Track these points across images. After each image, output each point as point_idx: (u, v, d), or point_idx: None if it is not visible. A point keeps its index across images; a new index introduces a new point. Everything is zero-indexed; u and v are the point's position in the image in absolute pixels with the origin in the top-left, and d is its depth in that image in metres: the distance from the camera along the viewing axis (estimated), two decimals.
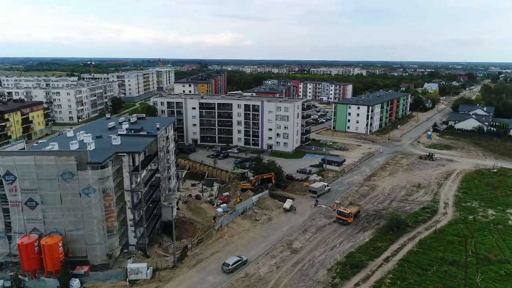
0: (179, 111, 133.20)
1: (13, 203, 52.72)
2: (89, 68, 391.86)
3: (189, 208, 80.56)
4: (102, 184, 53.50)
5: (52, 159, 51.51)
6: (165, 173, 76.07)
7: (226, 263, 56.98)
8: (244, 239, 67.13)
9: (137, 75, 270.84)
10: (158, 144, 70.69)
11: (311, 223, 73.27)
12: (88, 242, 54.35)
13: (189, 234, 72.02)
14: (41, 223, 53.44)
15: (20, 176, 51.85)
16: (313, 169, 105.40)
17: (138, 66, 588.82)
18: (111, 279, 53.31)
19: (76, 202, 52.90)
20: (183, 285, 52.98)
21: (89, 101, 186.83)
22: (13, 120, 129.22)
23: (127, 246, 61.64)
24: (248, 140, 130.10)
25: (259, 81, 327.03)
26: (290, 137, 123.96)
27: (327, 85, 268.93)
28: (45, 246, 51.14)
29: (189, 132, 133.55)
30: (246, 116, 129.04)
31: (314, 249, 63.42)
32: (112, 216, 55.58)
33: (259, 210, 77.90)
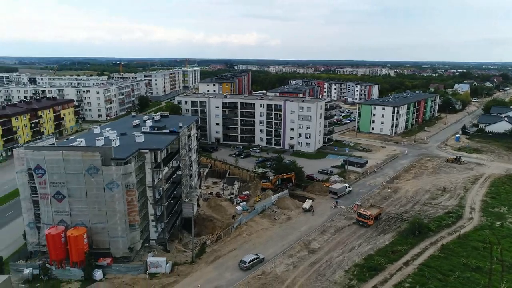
0: (202, 110, 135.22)
1: (42, 196, 55.45)
2: (118, 68, 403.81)
3: (209, 206, 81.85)
4: (125, 179, 55.36)
5: (79, 154, 53.83)
6: (187, 170, 77.63)
7: (243, 260, 57.67)
8: (262, 237, 67.59)
9: (164, 74, 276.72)
10: (180, 142, 72.30)
11: (330, 224, 72.82)
12: (111, 235, 56.40)
13: (208, 231, 73.21)
14: (68, 215, 55.92)
15: (49, 170, 54.44)
16: (335, 170, 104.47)
17: (166, 66, 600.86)
18: (132, 272, 55.09)
19: (100, 196, 55.00)
20: (201, 280, 54.02)
21: (117, 100, 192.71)
22: (46, 117, 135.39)
23: (148, 241, 63.44)
24: (270, 139, 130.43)
25: (284, 81, 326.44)
26: (312, 138, 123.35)
27: (352, 86, 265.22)
28: (70, 238, 53.53)
29: (212, 131, 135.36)
30: (269, 115, 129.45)
31: (332, 250, 63.06)
32: (134, 210, 57.40)
33: (278, 210, 78.17)
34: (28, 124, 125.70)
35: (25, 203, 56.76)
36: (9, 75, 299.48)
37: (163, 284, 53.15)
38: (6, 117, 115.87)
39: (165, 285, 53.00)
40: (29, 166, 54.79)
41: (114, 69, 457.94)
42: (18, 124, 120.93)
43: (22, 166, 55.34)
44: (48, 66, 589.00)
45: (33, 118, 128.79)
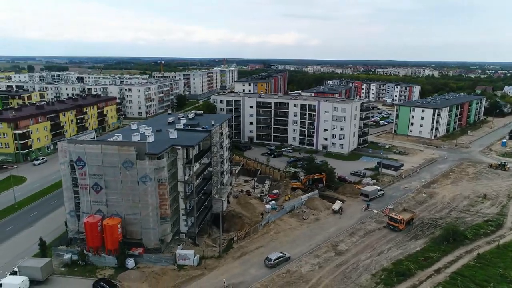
0: (237, 109, 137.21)
1: (82, 186, 59.20)
2: (159, 67, 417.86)
3: (239, 203, 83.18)
4: (157, 173, 57.79)
5: (116, 148, 56.90)
6: (218, 167, 79.40)
7: (268, 257, 58.30)
8: (289, 236, 67.85)
9: (202, 74, 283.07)
10: (212, 140, 74.11)
11: (360, 227, 71.67)
12: (143, 226, 59.09)
13: (237, 228, 74.46)
14: (104, 206, 59.29)
15: (89, 162, 57.98)
16: (368, 172, 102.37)
17: (205, 66, 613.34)
18: (162, 262, 57.41)
19: (134, 189, 57.80)
20: (227, 275, 55.27)
21: (156, 98, 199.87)
22: (90, 113, 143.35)
23: (178, 234, 65.74)
24: (303, 140, 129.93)
25: (321, 81, 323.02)
26: (346, 139, 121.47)
27: (391, 86, 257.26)
28: (106, 227, 56.75)
29: (245, 130, 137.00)
30: (302, 115, 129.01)
31: (359, 253, 62.15)
32: (165, 204, 59.75)
33: (307, 210, 78.01)
34: (74, 119, 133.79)
35: (67, 192, 60.89)
36: (59, 74, 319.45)
37: (190, 276, 54.97)
38: (54, 113, 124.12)
39: (192, 277, 54.78)
40: (71, 158, 58.69)
41: (155, 68, 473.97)
42: (65, 120, 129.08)
43: (65, 158, 59.41)
44: (95, 65, 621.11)
45: (79, 114, 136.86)
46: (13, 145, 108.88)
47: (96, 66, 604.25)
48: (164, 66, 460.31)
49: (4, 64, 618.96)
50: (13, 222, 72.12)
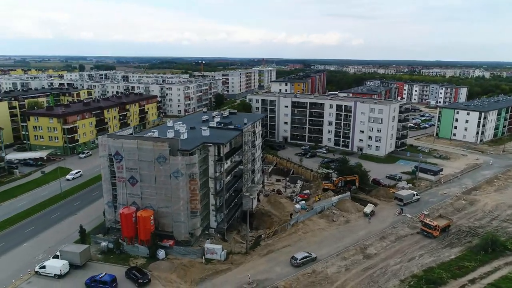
0: (272, 108, 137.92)
1: (119, 179, 62.65)
2: (200, 67, 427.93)
3: (269, 202, 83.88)
4: (189, 169, 59.89)
5: (150, 144, 59.68)
6: (249, 165, 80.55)
7: (294, 257, 58.51)
8: (317, 237, 67.55)
9: (240, 73, 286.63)
10: (244, 138, 75.38)
11: (391, 231, 69.81)
12: (174, 219, 61.46)
13: (266, 226, 75.30)
14: (139, 198, 62.35)
15: (126, 156, 61.25)
16: (404, 176, 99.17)
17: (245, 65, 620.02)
18: (190, 255, 59.43)
19: (166, 183, 60.29)
20: (252, 271, 56.16)
21: (195, 97, 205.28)
22: (132, 111, 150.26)
23: (208, 228, 67.64)
24: (338, 141, 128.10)
25: (361, 82, 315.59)
26: (383, 141, 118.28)
27: (436, 88, 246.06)
28: (140, 218, 59.68)
29: (280, 130, 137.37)
30: (338, 116, 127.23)
31: (389, 258, 60.66)
32: (196, 199, 61.78)
33: (337, 211, 77.11)
34: (117, 116, 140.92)
35: (105, 184, 64.71)
36: (107, 73, 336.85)
37: (217, 269, 56.48)
38: (99, 109, 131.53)
39: (218, 271, 56.27)
40: (110, 152, 62.31)
41: (196, 68, 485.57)
42: (109, 116, 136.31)
43: (104, 152, 63.18)
44: (140, 65, 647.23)
45: (122, 111, 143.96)
46: (61, 139, 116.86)
47: (141, 65, 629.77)
48: (204, 66, 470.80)
49: (58, 64, 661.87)
50: (59, 210, 77.65)
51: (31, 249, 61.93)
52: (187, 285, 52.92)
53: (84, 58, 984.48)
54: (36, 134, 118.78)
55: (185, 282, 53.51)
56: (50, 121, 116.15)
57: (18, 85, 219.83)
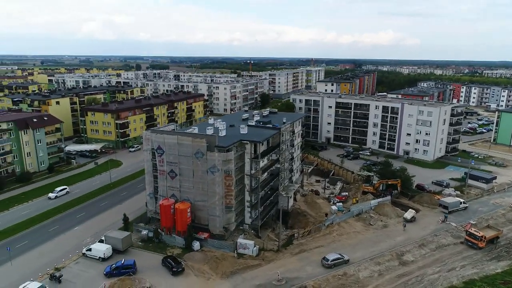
0: (315, 109, 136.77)
1: (160, 172, 66.08)
2: (248, 67, 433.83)
3: (306, 201, 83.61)
4: (225, 165, 61.67)
5: (190, 139, 62.28)
6: (286, 164, 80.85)
7: (326, 258, 58.10)
8: (352, 240, 66.37)
9: (287, 73, 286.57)
10: (281, 137, 75.88)
11: (432, 239, 66.65)
12: (210, 213, 63.61)
13: (301, 225, 75.14)
14: (178, 191, 65.32)
15: (167, 150, 64.48)
16: (453, 183, 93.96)
17: (294, 65, 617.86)
18: (224, 249, 61.20)
19: (203, 178, 62.56)
20: (282, 268, 56.66)
21: (241, 96, 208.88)
22: (180, 108, 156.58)
23: (242, 224, 69.07)
24: (383, 143, 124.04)
25: (414, 83, 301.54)
26: (431, 145, 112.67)
27: (497, 90, 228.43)
28: (177, 210, 62.56)
29: (323, 130, 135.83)
30: (384, 118, 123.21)
31: (427, 266, 58.13)
32: (231, 194, 63.43)
33: (375, 215, 75.09)
34: (165, 113, 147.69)
35: (148, 176, 68.56)
36: (160, 72, 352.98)
37: (248, 264, 57.69)
38: (149, 106, 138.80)
39: (249, 265, 57.44)
40: (153, 146, 65.91)
41: (245, 67, 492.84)
42: (158, 113, 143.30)
43: (148, 146, 66.95)
44: (192, 64, 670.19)
45: (170, 108, 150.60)
46: (114, 133, 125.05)
47: (192, 65, 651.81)
48: (253, 66, 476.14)
49: (118, 63, 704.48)
50: (107, 199, 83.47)
51: (80, 233, 67.41)
52: (218, 277, 54.68)
53: (141, 58, 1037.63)
54: (92, 128, 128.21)
55: (216, 274, 55.31)
56: (105, 116, 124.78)
57: (80, 83, 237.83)
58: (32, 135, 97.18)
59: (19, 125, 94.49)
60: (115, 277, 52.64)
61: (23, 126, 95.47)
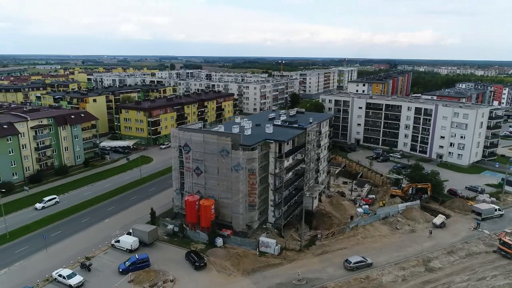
0: (345, 109, 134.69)
1: (186, 168, 67.79)
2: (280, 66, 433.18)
3: (331, 203, 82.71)
4: (249, 164, 62.32)
5: (215, 138, 63.48)
6: (312, 165, 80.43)
7: (348, 260, 57.35)
8: (377, 243, 65.02)
9: (318, 73, 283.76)
10: (307, 137, 75.57)
11: (462, 246, 64.01)
12: (233, 211, 64.53)
13: (325, 227, 74.58)
14: (203, 188, 66.73)
15: (193, 148, 66.02)
16: (488, 188, 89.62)
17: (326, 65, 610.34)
18: (246, 246, 61.83)
19: (228, 175, 63.55)
20: (304, 268, 56.50)
21: (271, 96, 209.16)
22: (210, 107, 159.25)
23: (266, 223, 69.49)
24: (415, 146, 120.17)
25: (452, 84, 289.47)
26: (466, 149, 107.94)
27: None
28: (202, 206, 63.93)
29: (352, 131, 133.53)
30: (416, 120, 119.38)
31: (454, 274, 55.98)
32: (254, 192, 64.01)
33: (403, 219, 73.07)
34: (196, 111, 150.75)
35: (175, 173, 70.49)
36: (193, 71, 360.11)
37: (269, 263, 57.99)
38: (180, 105, 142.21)
39: (270, 264, 57.73)
40: (180, 143, 67.72)
41: (277, 67, 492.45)
42: (189, 111, 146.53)
43: (175, 143, 68.86)
44: (225, 64, 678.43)
45: (200, 107, 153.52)
46: (146, 130, 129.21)
47: (225, 65, 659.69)
48: (285, 66, 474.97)
49: (153, 63, 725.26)
50: (137, 193, 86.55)
51: (110, 225, 70.43)
52: (239, 274, 55.38)
53: (176, 57, 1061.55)
54: (126, 125, 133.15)
55: (237, 270, 56.03)
56: (138, 114, 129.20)
57: (117, 82, 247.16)
58: (70, 131, 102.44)
59: (58, 121, 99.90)
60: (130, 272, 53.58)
61: (62, 122, 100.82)
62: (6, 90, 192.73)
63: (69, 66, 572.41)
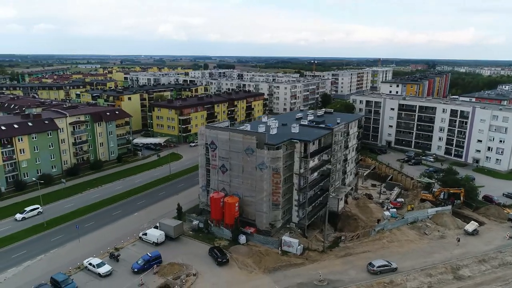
0: (376, 110, 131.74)
1: (212, 166, 69.08)
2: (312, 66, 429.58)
3: (357, 205, 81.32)
4: (273, 163, 62.63)
5: (240, 136, 64.27)
6: (338, 166, 79.43)
7: (372, 263, 56.31)
8: (403, 248, 63.32)
9: (351, 74, 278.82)
10: (334, 138, 74.74)
11: (496, 256, 61.01)
12: (257, 209, 65.05)
13: (350, 229, 73.42)
14: (228, 185, 67.76)
15: (220, 146, 67.17)
16: None
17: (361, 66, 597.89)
18: (268, 244, 62.16)
19: (252, 174, 64.13)
20: (326, 270, 56.07)
21: (301, 96, 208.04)
22: (240, 106, 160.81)
23: (289, 222, 69.48)
24: (450, 150, 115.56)
25: (495, 85, 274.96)
26: (505, 153, 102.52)
27: None
28: (226, 203, 64.97)
29: (384, 133, 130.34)
30: (451, 122, 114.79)
31: (485, 284, 53.54)
32: (278, 192, 64.25)
33: (432, 225, 70.65)
34: (225, 110, 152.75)
35: (201, 170, 72.03)
36: (225, 71, 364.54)
37: (291, 262, 58.02)
38: (210, 104, 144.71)
39: (292, 263, 57.74)
40: (206, 141, 69.12)
41: (309, 67, 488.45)
42: (219, 110, 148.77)
43: (202, 141, 70.32)
44: (257, 64, 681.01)
45: (230, 106, 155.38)
46: (177, 128, 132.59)
47: (257, 65, 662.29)
48: (318, 66, 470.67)
49: (187, 63, 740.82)
50: (166, 189, 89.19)
51: (139, 218, 73.12)
52: (260, 271, 55.82)
53: (210, 57, 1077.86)
54: (158, 123, 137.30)
55: (259, 268, 56.49)
56: (169, 112, 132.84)
57: (152, 81, 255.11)
58: (105, 127, 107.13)
59: (94, 117, 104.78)
60: (146, 271, 54.03)
61: (98, 118, 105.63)
62: (49, 88, 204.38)
63: (108, 65, 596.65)
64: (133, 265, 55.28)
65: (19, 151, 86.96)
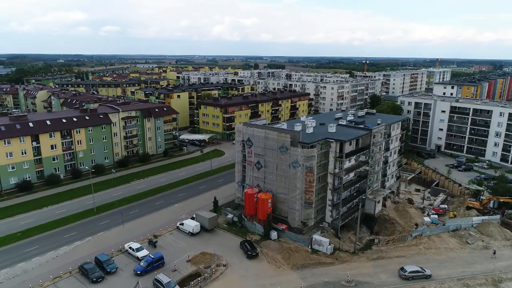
0: (426, 113, 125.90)
1: (248, 162, 70.96)
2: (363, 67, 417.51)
3: (396, 209, 78.85)
4: (307, 161, 62.99)
5: (275, 134, 65.40)
6: (377, 168, 77.57)
7: (404, 268, 54.72)
8: (441, 256, 60.58)
9: (404, 74, 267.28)
10: (372, 139, 73.18)
11: None
12: (289, 206, 65.82)
13: (387, 233, 71.55)
14: (262, 182, 69.23)
15: (255, 143, 68.86)
16: None
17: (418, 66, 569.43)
18: (299, 242, 62.65)
19: (286, 172, 65.03)
20: (355, 271, 55.44)
21: (349, 96, 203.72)
22: (284, 106, 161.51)
23: (322, 222, 69.32)
24: (506, 156, 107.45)
25: None
26: None
27: None
28: (259, 199, 66.46)
29: (433, 137, 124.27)
30: (509, 127, 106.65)
31: None
32: (311, 190, 64.43)
33: (476, 234, 66.68)
34: (269, 110, 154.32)
35: (237, 166, 74.23)
36: (274, 71, 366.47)
37: (320, 261, 58.07)
38: (255, 103, 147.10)
39: (321, 262, 57.75)
40: (243, 138, 71.16)
41: (360, 68, 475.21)
42: (263, 109, 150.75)
43: (239, 138, 72.51)
44: (308, 64, 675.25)
45: (275, 105, 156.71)
46: (221, 125, 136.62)
47: (308, 65, 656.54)
48: (372, 66, 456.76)
49: (239, 62, 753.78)
50: (206, 183, 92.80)
51: (179, 209, 77.02)
52: (288, 267, 56.60)
53: (261, 58, 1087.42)
54: (204, 120, 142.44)
55: (287, 264, 57.29)
56: (214, 110, 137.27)
57: (202, 80, 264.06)
58: (153, 123, 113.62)
59: (144, 113, 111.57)
60: (149, 273, 53.25)
61: (147, 114, 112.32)
62: (108, 86, 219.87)
63: (164, 65, 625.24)
64: (136, 267, 54.03)
65: (76, 142, 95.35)
